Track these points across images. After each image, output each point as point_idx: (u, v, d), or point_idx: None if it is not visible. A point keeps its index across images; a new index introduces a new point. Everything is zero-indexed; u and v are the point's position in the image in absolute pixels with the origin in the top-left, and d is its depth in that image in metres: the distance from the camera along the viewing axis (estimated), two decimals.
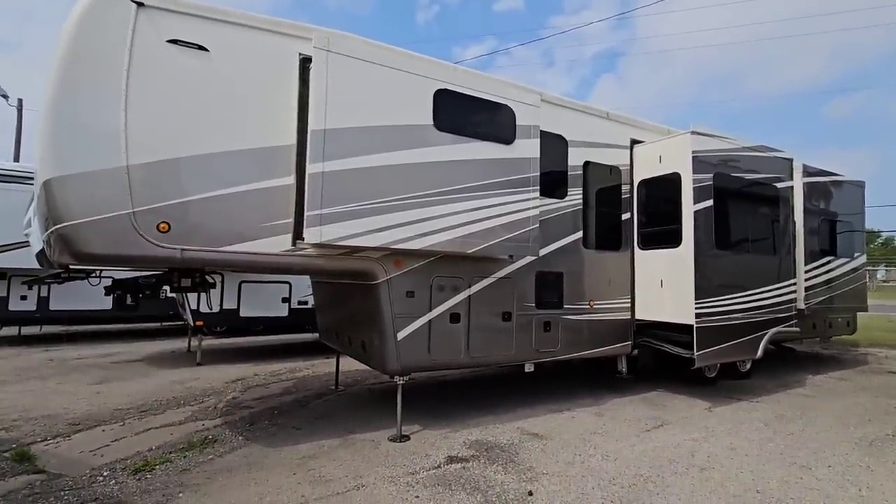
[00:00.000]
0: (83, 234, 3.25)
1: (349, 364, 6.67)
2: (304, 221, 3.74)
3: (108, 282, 9.89)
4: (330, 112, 3.81)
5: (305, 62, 3.97)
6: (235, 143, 3.73)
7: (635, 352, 6.29)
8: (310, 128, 3.78)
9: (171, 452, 4.03)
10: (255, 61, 3.85)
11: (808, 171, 7.64)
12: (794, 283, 6.75)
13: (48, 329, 11.76)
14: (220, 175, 3.65)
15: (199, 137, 3.60)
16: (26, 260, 6.71)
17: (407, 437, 4.38)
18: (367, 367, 5.47)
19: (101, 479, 3.53)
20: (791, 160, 6.82)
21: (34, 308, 9.90)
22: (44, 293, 9.95)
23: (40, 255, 4.59)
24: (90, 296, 9.98)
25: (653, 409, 5.41)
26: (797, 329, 6.85)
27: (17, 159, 15.69)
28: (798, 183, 7.31)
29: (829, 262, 7.91)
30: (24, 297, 9.80)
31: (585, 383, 6.56)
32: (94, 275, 9.84)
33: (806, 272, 7.43)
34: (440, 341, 4.62)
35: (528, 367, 5.36)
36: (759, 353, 6.12)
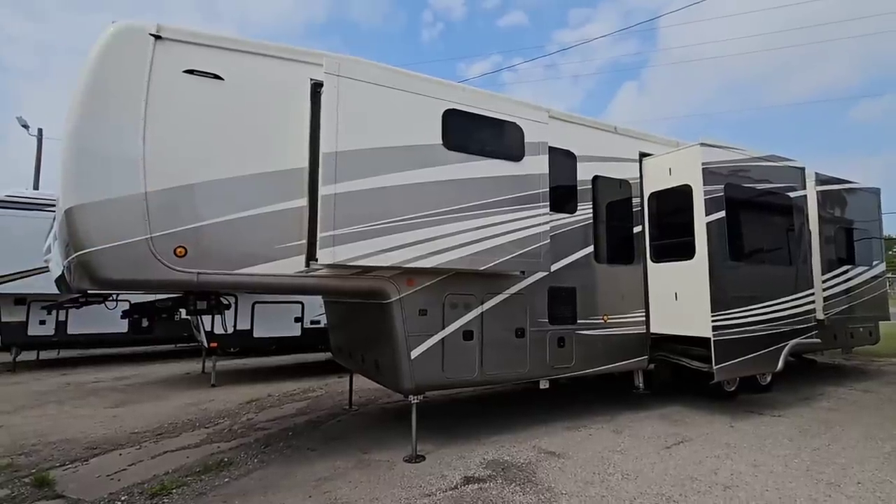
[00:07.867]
0: (103, 260, 3.31)
1: (362, 383, 6.64)
2: (318, 242, 3.78)
3: (126, 305, 10.03)
4: (341, 135, 3.87)
5: (317, 87, 4.06)
6: (249, 167, 3.81)
7: (651, 366, 6.19)
8: (322, 150, 3.85)
9: (187, 476, 4.02)
10: (268, 87, 3.95)
11: (821, 180, 7.56)
12: (812, 293, 6.62)
13: (65, 353, 11.91)
14: (234, 199, 3.72)
15: (214, 163, 3.68)
16: (46, 285, 6.84)
17: (422, 458, 4.33)
18: (381, 386, 5.45)
19: (119, 503, 3.53)
20: (803, 168, 6.76)
21: (52, 332, 10.06)
22: (62, 318, 10.12)
23: (60, 281, 4.69)
24: (106, 319, 10.12)
25: (672, 426, 5.30)
26: (818, 340, 6.68)
27: (36, 187, 16.11)
28: (811, 191, 7.22)
29: (847, 271, 7.76)
30: (42, 322, 9.97)
31: (601, 400, 6.46)
32: (111, 299, 9.98)
33: (824, 282, 7.28)
34: (454, 359, 4.59)
35: (543, 384, 5.30)
36: (780, 365, 5.98)
